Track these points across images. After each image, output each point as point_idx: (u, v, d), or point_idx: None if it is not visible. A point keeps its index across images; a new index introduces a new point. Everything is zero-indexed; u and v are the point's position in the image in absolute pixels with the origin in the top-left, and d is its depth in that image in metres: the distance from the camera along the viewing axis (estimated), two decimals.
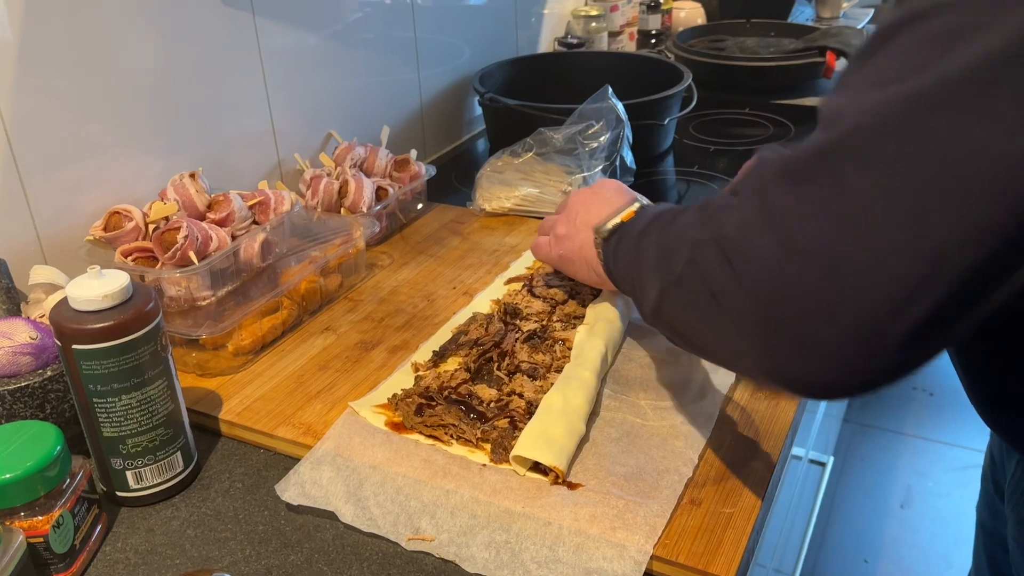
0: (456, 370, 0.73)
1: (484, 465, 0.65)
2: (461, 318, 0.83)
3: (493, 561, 0.57)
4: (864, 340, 0.41)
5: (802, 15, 2.06)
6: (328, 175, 0.98)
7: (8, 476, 0.55)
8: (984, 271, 0.40)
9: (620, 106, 1.11)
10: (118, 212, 0.80)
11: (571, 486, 0.62)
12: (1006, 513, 0.75)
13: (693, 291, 0.49)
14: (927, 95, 0.39)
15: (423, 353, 0.78)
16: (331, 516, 0.62)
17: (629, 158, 1.12)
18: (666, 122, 1.24)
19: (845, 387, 0.43)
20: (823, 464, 1.59)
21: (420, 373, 0.75)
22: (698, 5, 1.95)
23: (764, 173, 0.46)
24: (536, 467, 0.64)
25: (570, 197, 0.79)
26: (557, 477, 0.62)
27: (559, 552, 0.57)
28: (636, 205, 0.69)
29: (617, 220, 0.68)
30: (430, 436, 0.67)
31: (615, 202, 0.72)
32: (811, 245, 0.42)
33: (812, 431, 1.43)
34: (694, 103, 1.28)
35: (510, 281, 0.90)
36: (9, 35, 0.73)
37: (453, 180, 1.24)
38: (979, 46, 0.38)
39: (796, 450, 1.26)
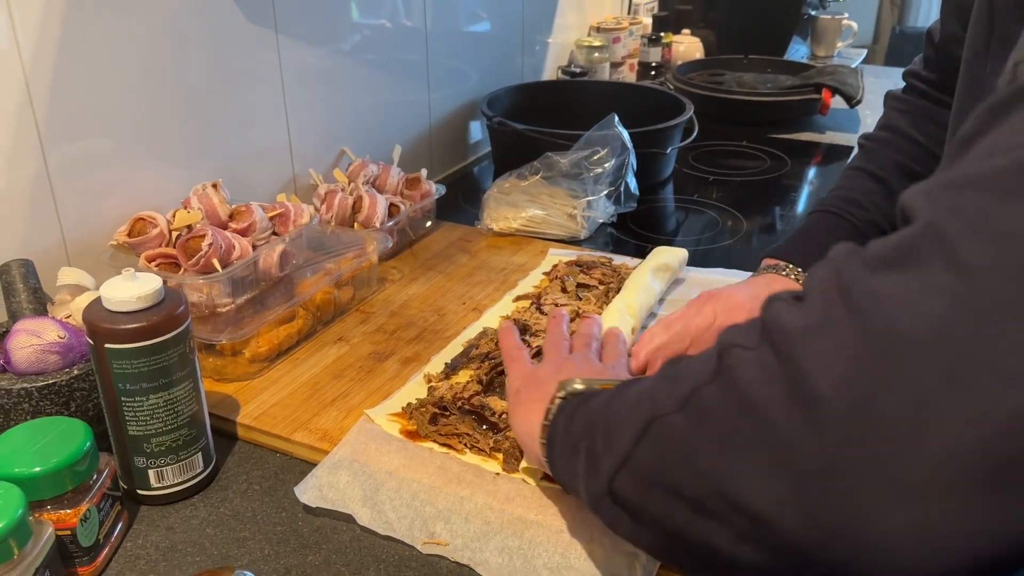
0: (468, 382, 0.75)
1: (497, 474, 0.67)
2: (471, 333, 0.86)
3: (506, 566, 0.59)
4: (987, 478, 0.30)
5: (797, 53, 2.12)
6: (342, 191, 1.01)
7: (38, 470, 0.57)
8: None
9: (626, 134, 1.15)
10: (143, 218, 0.82)
11: None
12: None
13: (711, 412, 0.38)
14: None
15: (435, 365, 0.80)
16: (348, 519, 0.64)
17: (633, 184, 1.15)
18: (668, 151, 1.28)
19: (942, 562, 0.31)
20: None
21: (433, 384, 0.77)
22: (697, 40, 2.00)
23: (840, 265, 0.37)
24: (547, 476, 0.66)
25: (583, 351, 0.69)
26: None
27: (571, 559, 0.59)
28: (618, 382, 0.55)
29: (592, 384, 0.55)
30: (444, 444, 0.70)
31: (603, 374, 0.62)
32: (921, 334, 0.32)
33: None
34: (695, 134, 1.32)
35: (519, 299, 0.93)
36: (47, 49, 0.76)
37: (460, 200, 1.27)
38: None
39: None
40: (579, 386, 0.55)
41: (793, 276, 0.82)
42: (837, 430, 0.33)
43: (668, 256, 0.95)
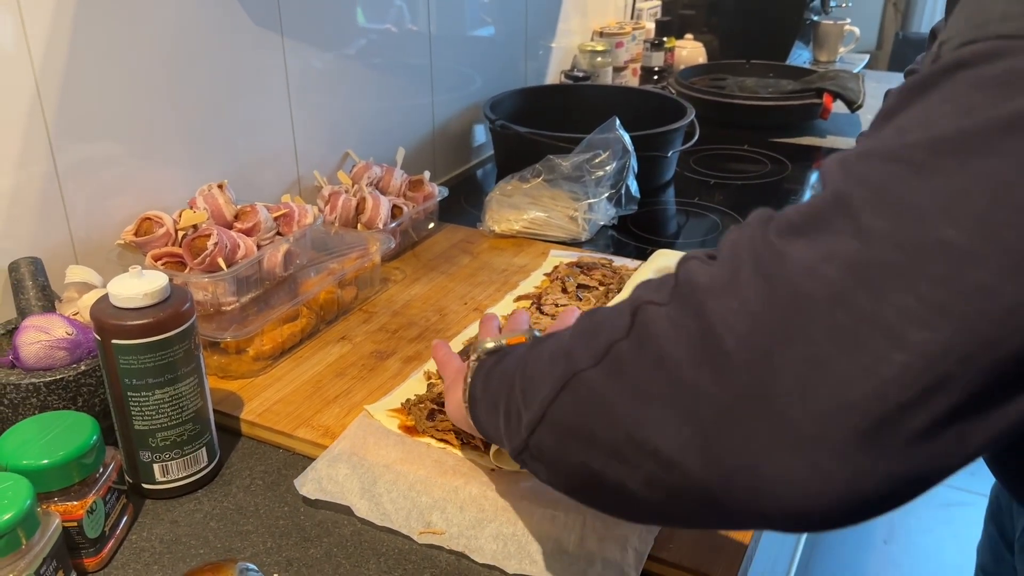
0: None
1: (492, 469, 0.68)
2: (472, 331, 0.87)
3: (501, 552, 0.60)
4: (870, 431, 0.32)
5: (800, 58, 2.13)
6: (346, 192, 1.02)
7: (46, 462, 0.58)
8: None
9: (627, 137, 1.16)
10: (149, 218, 0.84)
11: None
12: (1015, 564, 0.74)
13: (626, 366, 0.40)
14: (983, 134, 0.33)
15: (435, 364, 0.81)
16: (348, 512, 0.65)
17: (634, 187, 1.16)
18: (669, 154, 1.29)
19: (832, 506, 0.34)
20: None
21: (433, 381, 0.78)
22: (699, 45, 2.01)
23: (754, 230, 0.38)
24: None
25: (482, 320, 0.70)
26: None
27: (564, 544, 0.60)
28: (527, 334, 0.58)
29: (502, 341, 0.57)
30: (441, 440, 0.71)
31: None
32: (817, 297, 0.34)
33: None
34: (696, 138, 1.33)
35: (519, 299, 0.94)
36: (57, 52, 0.77)
37: (462, 202, 1.28)
38: None
39: None
40: (490, 344, 0.57)
41: None
42: (738, 382, 0.35)
43: (669, 259, 0.96)
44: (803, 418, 0.33)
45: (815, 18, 2.18)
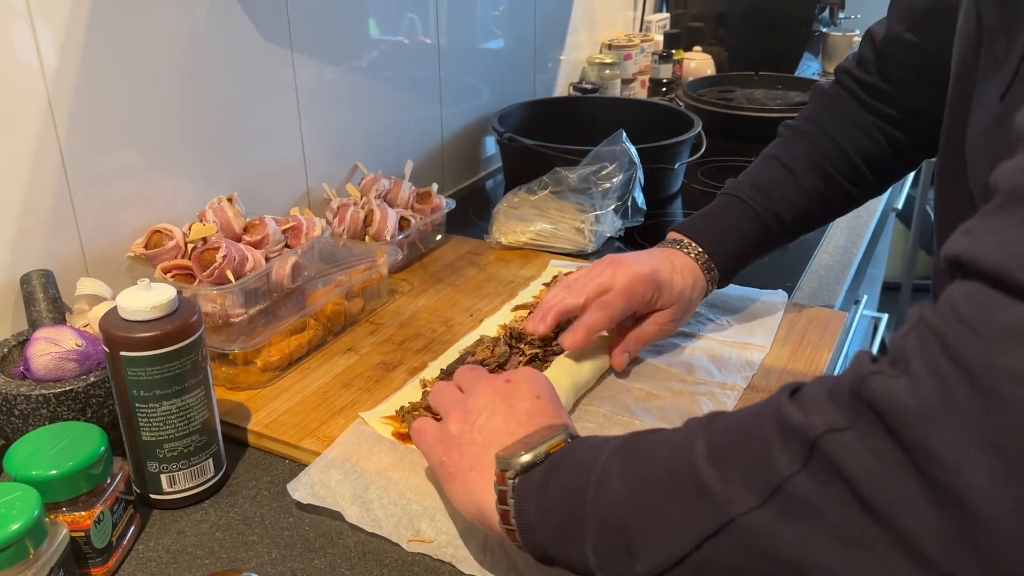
0: None
1: None
2: (468, 340, 0.87)
3: (487, 562, 0.61)
4: None
5: (809, 70, 2.13)
6: (354, 204, 1.03)
7: (54, 472, 0.59)
8: None
9: (633, 149, 1.16)
10: (159, 231, 0.85)
11: None
12: None
13: (817, 504, 0.34)
14: None
15: (432, 371, 0.82)
16: (341, 518, 0.65)
17: (640, 199, 1.17)
18: (676, 166, 1.29)
19: None
20: None
21: (427, 389, 0.79)
22: (708, 57, 2.02)
23: (939, 336, 0.33)
24: None
25: (471, 379, 0.64)
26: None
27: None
28: (563, 435, 0.51)
29: (540, 448, 0.50)
30: None
31: (530, 424, 0.55)
32: None
33: None
34: (703, 149, 1.33)
35: (517, 308, 0.94)
36: (69, 66, 0.79)
37: (470, 214, 1.29)
38: None
39: None
40: (527, 458, 0.50)
41: (693, 254, 0.84)
42: (998, 528, 0.29)
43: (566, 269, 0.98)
44: None
45: (824, 30, 2.18)
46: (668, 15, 2.12)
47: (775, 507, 0.35)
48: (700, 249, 0.84)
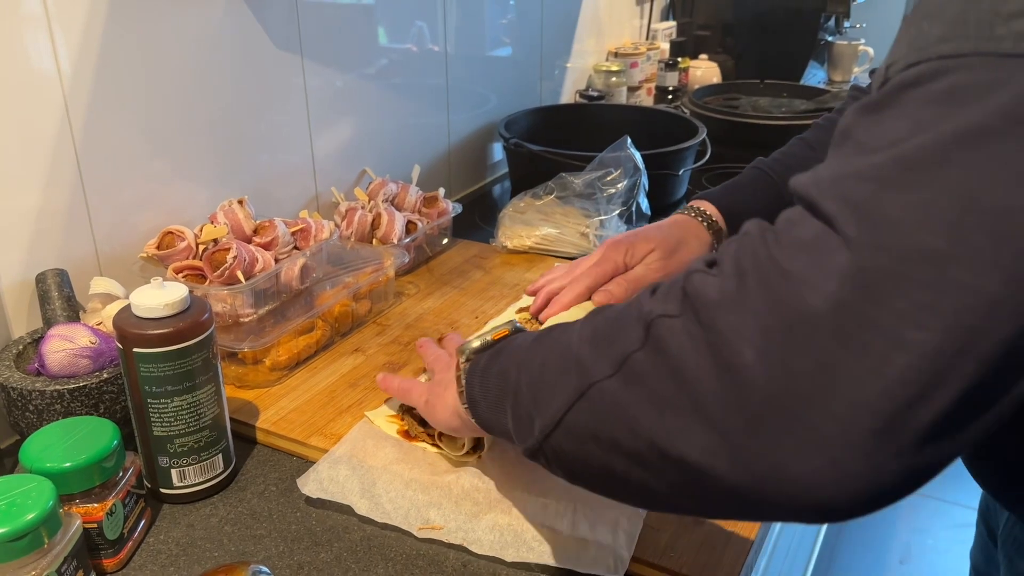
0: None
1: (479, 457, 0.71)
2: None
3: (498, 542, 0.62)
4: (881, 430, 0.35)
5: (814, 78, 2.14)
6: (362, 208, 1.04)
7: (68, 465, 0.60)
8: (1021, 343, 0.35)
9: (638, 155, 1.18)
10: (171, 232, 0.87)
11: None
12: (999, 559, 0.77)
13: (645, 377, 0.42)
14: (940, 148, 0.36)
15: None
16: (350, 512, 0.67)
17: (645, 205, 1.18)
18: (680, 173, 1.31)
19: (852, 498, 0.37)
20: None
21: None
22: (714, 65, 2.04)
23: (755, 244, 0.41)
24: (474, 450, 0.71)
25: (454, 343, 0.73)
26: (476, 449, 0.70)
27: (558, 530, 0.63)
28: (508, 326, 0.60)
29: (486, 337, 0.59)
30: (434, 444, 0.73)
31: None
32: (821, 309, 0.37)
33: None
34: (707, 156, 1.35)
35: (520, 310, 0.95)
36: (85, 72, 0.81)
37: (476, 218, 1.31)
38: (995, 101, 0.36)
39: None
40: (476, 343, 0.59)
41: (699, 218, 0.87)
42: (758, 392, 0.37)
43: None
44: (823, 421, 0.36)
45: (830, 38, 2.19)
46: (675, 23, 2.14)
47: (621, 377, 0.43)
48: (704, 208, 0.88)
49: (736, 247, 0.42)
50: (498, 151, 1.52)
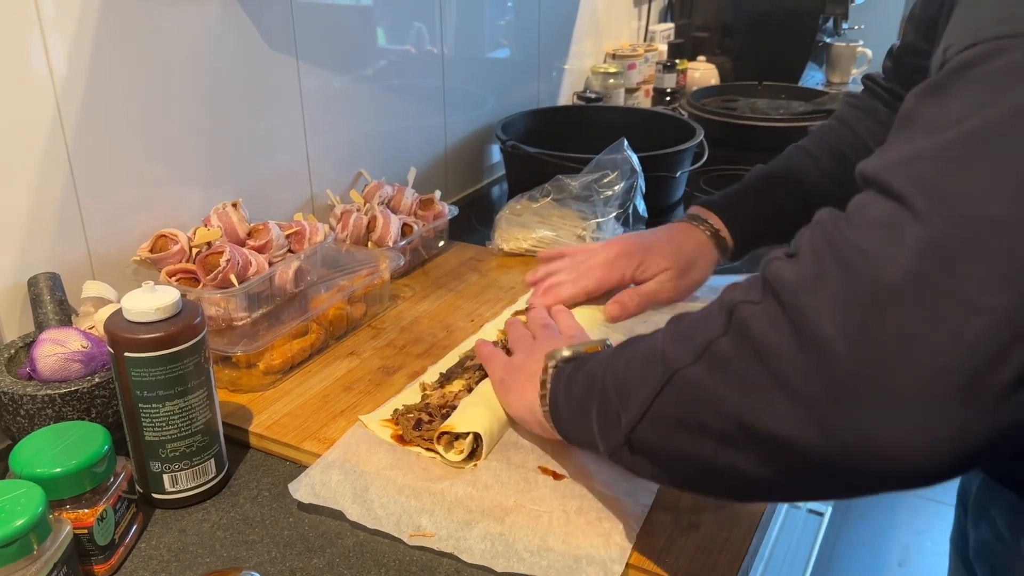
0: (459, 391, 0.78)
1: (475, 464, 0.70)
2: (468, 345, 0.88)
3: (489, 552, 0.62)
4: (964, 390, 0.37)
5: (812, 79, 2.14)
6: (358, 211, 1.04)
7: (59, 470, 0.60)
8: None
9: (635, 158, 1.17)
10: (164, 235, 0.86)
11: (556, 476, 0.68)
12: (967, 528, 0.77)
13: (728, 361, 0.44)
14: (1002, 122, 0.39)
15: (431, 375, 0.83)
16: (342, 516, 0.66)
17: (642, 207, 1.18)
18: (678, 175, 1.30)
19: (941, 459, 0.38)
20: (821, 514, 1.61)
21: (427, 392, 0.80)
22: (712, 66, 2.03)
23: (827, 228, 0.43)
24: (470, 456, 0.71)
25: (541, 326, 0.77)
26: (473, 454, 0.70)
27: (549, 541, 0.62)
28: (601, 344, 0.62)
29: (578, 348, 0.62)
30: (428, 449, 0.72)
31: (576, 341, 0.66)
32: (899, 281, 0.38)
33: None
34: (705, 158, 1.34)
35: (516, 314, 0.95)
36: (77, 73, 0.80)
37: (473, 221, 1.30)
38: None
39: None
40: (567, 352, 0.61)
41: (702, 227, 0.89)
42: (841, 364, 0.39)
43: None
44: (907, 386, 0.37)
45: (828, 40, 2.19)
46: (673, 25, 2.14)
47: (704, 363, 0.45)
48: (712, 222, 0.89)
49: (810, 233, 0.44)
50: (495, 153, 1.52)
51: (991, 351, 0.36)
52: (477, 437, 0.71)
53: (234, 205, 0.90)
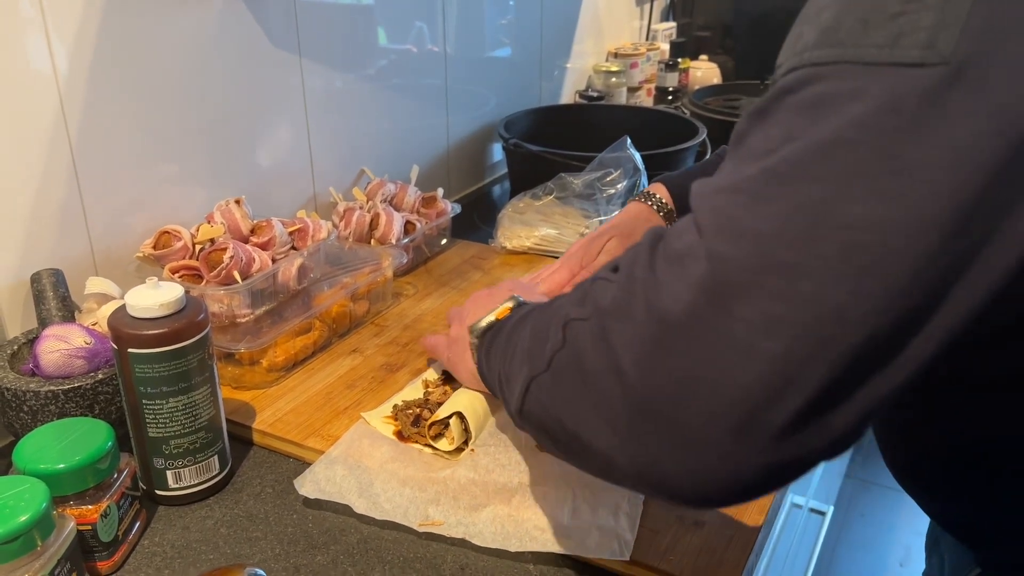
0: (462, 387, 0.78)
1: (473, 449, 0.71)
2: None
3: (500, 533, 0.62)
4: (738, 430, 0.38)
5: None
6: (360, 208, 1.04)
7: (62, 466, 0.60)
8: (871, 348, 0.37)
9: (637, 156, 1.17)
10: (168, 232, 0.86)
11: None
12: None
13: (564, 375, 0.46)
14: (802, 162, 0.38)
15: (432, 372, 0.83)
16: (354, 516, 0.66)
17: None
18: None
19: (722, 488, 0.39)
20: (823, 513, 1.61)
21: (429, 389, 0.80)
22: (714, 65, 2.03)
23: (646, 254, 0.43)
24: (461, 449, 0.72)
25: (469, 298, 0.77)
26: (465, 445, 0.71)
27: (559, 517, 0.63)
28: (511, 302, 0.63)
29: (491, 318, 0.63)
30: (426, 444, 0.73)
31: (498, 299, 0.66)
32: (680, 318, 0.39)
33: (813, 481, 1.46)
34: (707, 157, 1.34)
35: None
36: (81, 72, 0.80)
37: (475, 219, 1.30)
38: (851, 111, 0.37)
39: (796, 499, 1.29)
40: (483, 323, 0.63)
41: (656, 207, 0.92)
42: (634, 395, 0.41)
43: None
44: (688, 422, 0.39)
45: None
46: (675, 24, 2.14)
47: (551, 374, 0.47)
48: (660, 195, 0.92)
49: (632, 255, 0.45)
50: (497, 151, 1.52)
51: (764, 395, 0.37)
52: (464, 421, 0.71)
53: (237, 202, 0.90)
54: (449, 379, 0.81)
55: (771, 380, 0.37)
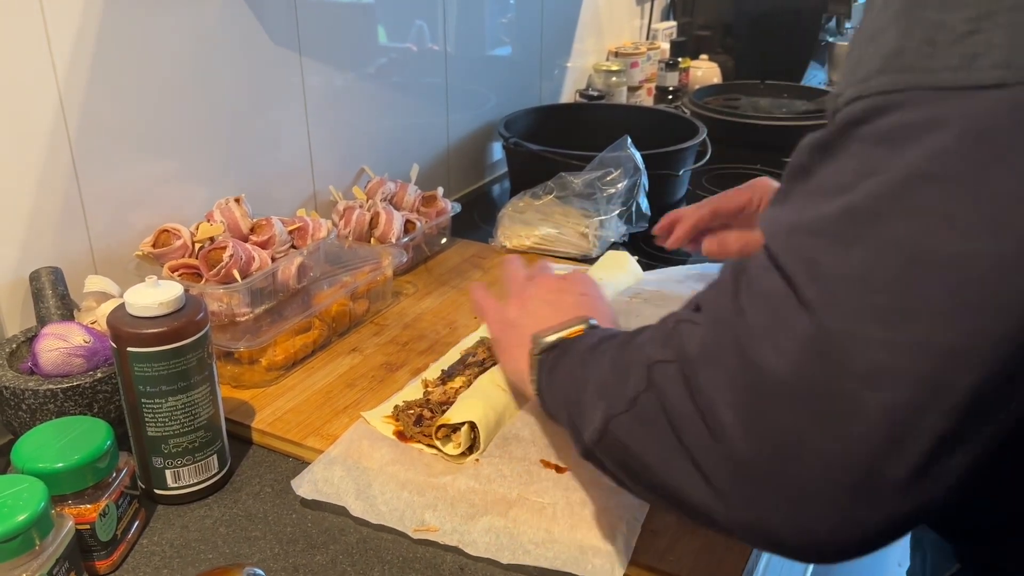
0: (461, 388, 0.78)
1: (476, 460, 0.70)
2: (469, 342, 0.88)
3: (494, 544, 0.62)
4: (856, 487, 0.36)
5: (815, 79, 2.14)
6: (360, 207, 1.04)
7: (61, 465, 0.59)
8: (987, 389, 0.35)
9: (638, 155, 1.17)
10: (167, 230, 0.86)
11: (559, 469, 0.68)
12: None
13: (649, 418, 0.44)
14: (886, 198, 0.36)
15: (433, 371, 0.83)
16: (345, 513, 0.66)
17: (644, 205, 1.17)
18: (680, 173, 1.30)
19: (841, 546, 0.37)
20: None
21: (429, 389, 0.79)
22: (715, 65, 2.03)
23: (729, 295, 0.42)
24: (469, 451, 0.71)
25: (537, 276, 0.75)
26: (471, 448, 0.71)
27: (554, 533, 0.62)
28: (584, 324, 0.61)
29: (561, 334, 0.61)
30: (429, 445, 0.72)
31: (568, 313, 0.64)
32: (786, 377, 0.37)
33: None
34: (708, 156, 1.34)
35: None
36: (80, 69, 0.80)
37: (475, 218, 1.30)
38: (931, 142, 0.35)
39: None
40: (551, 338, 0.61)
41: None
42: (738, 453, 0.39)
43: (619, 261, 1.03)
44: (800, 479, 0.37)
45: (830, 39, 2.19)
46: (675, 23, 2.13)
47: (633, 413, 0.45)
48: None
49: (715, 294, 0.43)
50: (497, 150, 1.51)
51: (882, 450, 0.35)
52: (474, 429, 0.71)
53: (237, 200, 0.90)
54: (448, 379, 0.81)
55: (883, 434, 0.35)
